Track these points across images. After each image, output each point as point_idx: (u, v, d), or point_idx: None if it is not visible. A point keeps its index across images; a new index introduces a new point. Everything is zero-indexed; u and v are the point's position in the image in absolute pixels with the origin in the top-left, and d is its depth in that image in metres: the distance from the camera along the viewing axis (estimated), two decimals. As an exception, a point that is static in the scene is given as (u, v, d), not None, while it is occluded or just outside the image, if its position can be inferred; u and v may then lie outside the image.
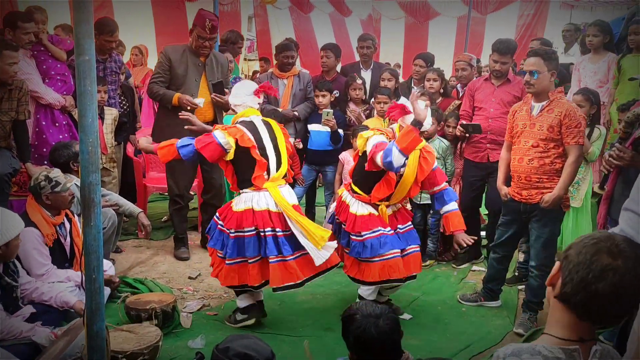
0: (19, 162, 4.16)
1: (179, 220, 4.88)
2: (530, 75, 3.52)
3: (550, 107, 3.54)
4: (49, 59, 4.55)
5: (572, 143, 3.49)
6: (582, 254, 1.35)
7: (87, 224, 1.85)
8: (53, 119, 4.52)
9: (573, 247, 1.39)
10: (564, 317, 1.39)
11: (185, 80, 4.53)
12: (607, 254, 1.32)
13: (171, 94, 4.46)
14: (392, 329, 2.21)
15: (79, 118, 1.81)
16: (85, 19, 1.73)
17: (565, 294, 1.36)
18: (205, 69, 4.60)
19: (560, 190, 3.51)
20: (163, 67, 4.55)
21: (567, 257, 1.38)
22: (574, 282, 1.34)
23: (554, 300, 1.41)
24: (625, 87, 4.70)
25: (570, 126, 3.47)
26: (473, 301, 4.11)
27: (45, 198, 3.46)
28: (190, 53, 4.56)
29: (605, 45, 5.11)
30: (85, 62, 1.75)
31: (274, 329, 3.67)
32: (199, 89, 4.57)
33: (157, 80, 4.55)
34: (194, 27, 4.52)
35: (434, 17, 11.00)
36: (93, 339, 1.93)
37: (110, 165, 4.97)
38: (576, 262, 1.35)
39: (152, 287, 4.08)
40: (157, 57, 8.36)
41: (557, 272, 1.41)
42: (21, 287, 3.12)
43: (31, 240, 3.35)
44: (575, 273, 1.34)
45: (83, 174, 1.83)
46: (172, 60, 4.52)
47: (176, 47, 4.73)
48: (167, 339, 3.35)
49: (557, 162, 3.55)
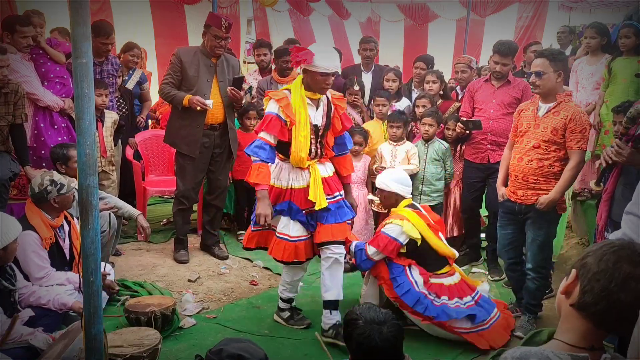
0: (18, 166, 4.16)
1: (181, 221, 4.87)
2: (536, 76, 3.51)
3: (557, 109, 3.51)
4: (48, 61, 4.56)
5: (575, 148, 3.46)
6: (602, 262, 1.31)
7: (85, 226, 1.84)
8: (52, 121, 4.52)
9: (591, 255, 1.35)
10: (579, 324, 1.36)
11: (197, 81, 4.52)
12: (628, 263, 1.29)
13: (182, 95, 4.45)
14: (396, 335, 2.17)
15: (76, 121, 1.80)
16: (82, 22, 1.73)
17: (585, 303, 1.33)
18: (216, 70, 4.59)
19: (556, 194, 3.50)
20: (175, 68, 4.54)
21: (584, 266, 1.34)
22: (595, 291, 1.31)
23: (569, 309, 1.37)
24: (617, 88, 4.74)
25: (575, 131, 3.44)
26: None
27: (53, 201, 3.49)
28: (202, 54, 4.55)
29: (602, 47, 5.13)
30: (82, 65, 1.74)
31: (272, 332, 3.67)
32: (211, 90, 4.57)
33: (168, 81, 4.56)
34: (207, 27, 4.50)
35: (433, 19, 11.02)
36: (91, 342, 1.92)
37: (109, 169, 4.97)
38: (596, 270, 1.31)
39: (151, 290, 4.07)
40: (156, 59, 8.41)
41: (573, 280, 1.37)
42: (18, 291, 3.12)
43: (30, 244, 3.35)
44: (596, 282, 1.31)
45: (81, 176, 1.83)
46: (184, 62, 4.51)
47: (188, 49, 4.75)
48: (166, 342, 3.35)
49: (556, 165, 3.54)
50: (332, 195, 3.54)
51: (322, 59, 3.31)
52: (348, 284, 3.96)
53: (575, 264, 1.39)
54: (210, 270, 4.65)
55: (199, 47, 4.64)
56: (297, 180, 3.50)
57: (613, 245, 1.34)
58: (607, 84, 4.86)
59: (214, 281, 4.46)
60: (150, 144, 6.03)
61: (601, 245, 1.36)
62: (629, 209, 1.90)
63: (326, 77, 3.34)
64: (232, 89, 4.56)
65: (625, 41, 4.72)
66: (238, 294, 4.25)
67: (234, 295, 4.21)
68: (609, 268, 1.30)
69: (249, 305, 4.04)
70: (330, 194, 3.52)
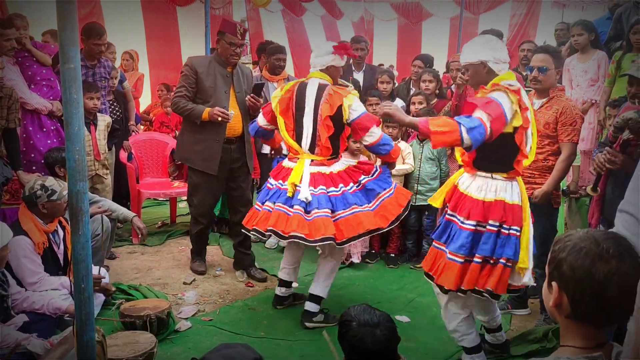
0: (11, 171, 4.14)
1: (200, 241, 4.65)
2: (539, 71, 3.53)
3: (550, 104, 3.58)
4: (34, 64, 4.52)
5: (566, 140, 3.52)
6: (578, 269, 1.32)
7: (75, 232, 1.83)
8: (40, 124, 4.49)
9: (562, 264, 1.36)
10: (581, 330, 1.37)
11: (214, 93, 4.22)
12: (601, 261, 1.31)
13: (201, 109, 4.14)
14: (389, 338, 2.16)
15: (65, 126, 1.79)
16: (69, 26, 1.71)
17: (580, 313, 1.35)
18: (233, 80, 4.31)
19: (549, 186, 3.53)
20: (189, 79, 4.22)
21: (562, 276, 1.35)
22: (585, 300, 1.32)
23: (566, 320, 1.39)
24: (624, 85, 4.67)
25: (565, 123, 3.50)
26: (500, 309, 3.88)
27: (41, 207, 3.45)
28: (217, 64, 4.27)
29: (591, 43, 5.12)
30: (70, 70, 1.73)
31: (269, 333, 3.66)
32: (229, 102, 4.27)
33: (182, 94, 4.22)
34: (221, 35, 4.22)
35: (427, 18, 11.03)
36: (83, 349, 1.91)
37: (103, 172, 4.95)
38: (577, 278, 1.32)
39: (146, 294, 4.06)
40: (148, 62, 8.39)
41: (558, 292, 1.37)
42: (11, 297, 3.11)
43: (22, 249, 3.32)
44: (581, 291, 1.32)
45: (70, 182, 1.81)
46: (199, 72, 4.21)
47: (201, 58, 4.49)
48: (162, 345, 3.33)
49: (550, 159, 3.58)
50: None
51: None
52: (344, 285, 3.96)
53: (552, 274, 1.40)
54: (206, 273, 4.64)
55: (212, 56, 4.40)
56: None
57: (580, 248, 1.34)
58: (612, 80, 4.80)
59: (210, 283, 4.45)
60: (144, 146, 6.02)
61: (569, 250, 1.36)
62: (621, 207, 1.89)
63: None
64: (252, 96, 4.29)
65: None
66: (234, 296, 4.24)
67: (230, 298, 4.20)
68: (588, 274, 1.31)
69: (244, 307, 4.03)
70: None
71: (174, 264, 4.84)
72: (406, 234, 5.03)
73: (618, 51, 4.91)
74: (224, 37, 4.21)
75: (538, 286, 3.73)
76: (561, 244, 1.40)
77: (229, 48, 4.21)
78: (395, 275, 4.75)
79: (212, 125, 4.20)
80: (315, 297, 3.74)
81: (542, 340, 3.49)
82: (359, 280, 4.61)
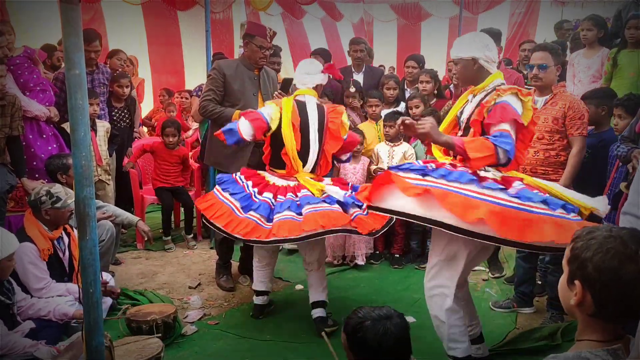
0: (15, 178, 4.15)
1: (226, 248, 4.53)
2: (539, 69, 3.60)
3: (554, 100, 3.65)
4: (26, 71, 4.50)
5: (576, 134, 3.60)
6: (605, 270, 1.31)
7: (83, 238, 1.83)
8: (39, 131, 4.49)
9: (587, 264, 1.33)
10: (602, 326, 1.37)
11: (243, 96, 4.23)
12: (629, 261, 1.29)
13: (230, 112, 4.12)
14: (406, 325, 2.09)
15: (71, 132, 1.79)
16: (74, 32, 1.72)
17: (606, 313, 1.34)
18: (260, 83, 4.34)
19: (565, 181, 3.55)
20: (217, 83, 4.22)
21: (588, 278, 1.33)
22: (612, 300, 1.31)
23: (589, 318, 1.38)
24: (624, 82, 4.61)
25: (573, 118, 3.58)
26: (506, 308, 4.00)
27: (44, 213, 3.46)
28: (244, 67, 4.30)
29: (599, 40, 5.09)
30: (75, 76, 1.73)
31: (275, 335, 3.66)
32: (258, 104, 4.22)
33: (211, 98, 4.21)
34: (250, 38, 4.22)
35: (426, 18, 11.03)
36: (92, 354, 1.91)
37: (105, 178, 4.96)
38: (604, 280, 1.31)
39: (152, 298, 4.07)
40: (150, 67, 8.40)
41: (581, 291, 1.36)
42: (17, 304, 3.11)
43: (27, 255, 3.33)
44: (608, 292, 1.31)
45: (77, 188, 1.81)
46: (227, 75, 4.22)
47: (229, 62, 4.53)
48: (168, 349, 3.34)
49: (562, 154, 3.65)
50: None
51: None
52: (347, 287, 3.96)
53: (574, 272, 1.38)
54: (211, 277, 4.64)
55: (239, 59, 4.43)
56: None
57: (607, 249, 1.32)
58: (609, 77, 4.77)
59: (215, 287, 4.45)
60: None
61: (595, 250, 1.33)
62: (625, 209, 1.90)
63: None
64: (280, 92, 4.31)
65: (635, 32, 4.57)
66: (239, 299, 4.24)
67: (235, 301, 4.21)
68: (616, 275, 1.30)
69: (250, 311, 4.02)
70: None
71: (179, 269, 4.85)
72: (410, 234, 5.04)
73: (614, 48, 4.89)
74: (253, 40, 4.22)
75: (546, 284, 3.74)
76: (583, 241, 1.37)
77: (258, 51, 4.23)
78: (400, 276, 4.75)
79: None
80: (320, 302, 3.73)
81: (547, 338, 3.49)
82: (364, 282, 4.61)
